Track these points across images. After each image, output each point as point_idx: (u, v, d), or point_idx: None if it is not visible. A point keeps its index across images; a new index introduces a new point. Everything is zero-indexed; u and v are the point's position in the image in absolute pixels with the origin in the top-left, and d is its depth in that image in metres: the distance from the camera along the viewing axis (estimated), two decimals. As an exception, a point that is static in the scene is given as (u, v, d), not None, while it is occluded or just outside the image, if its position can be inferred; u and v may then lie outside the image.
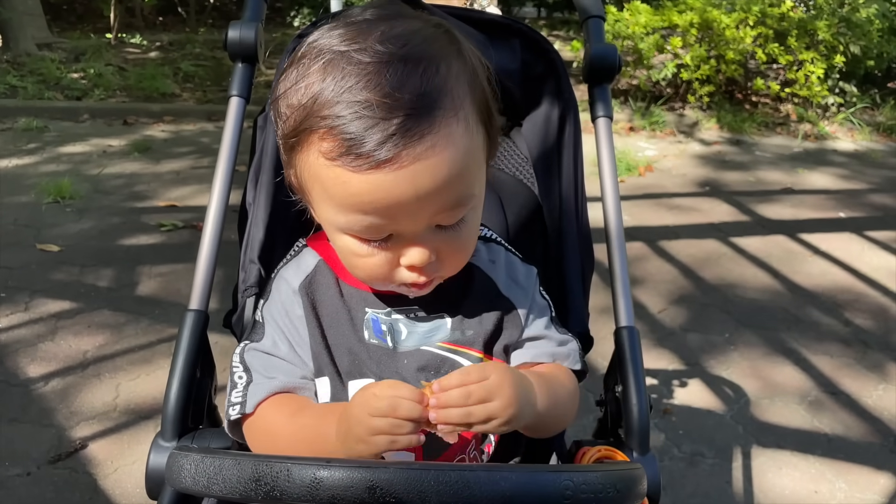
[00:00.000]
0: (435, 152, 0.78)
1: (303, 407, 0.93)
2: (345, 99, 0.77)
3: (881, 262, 3.93)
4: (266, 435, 0.93)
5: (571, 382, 1.03)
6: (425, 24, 0.86)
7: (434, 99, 0.78)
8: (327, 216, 0.86)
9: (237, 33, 1.26)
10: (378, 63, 0.78)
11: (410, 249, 0.85)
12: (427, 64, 0.79)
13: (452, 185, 0.81)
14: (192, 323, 1.11)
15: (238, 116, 1.26)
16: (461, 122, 0.81)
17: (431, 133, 0.78)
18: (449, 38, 0.87)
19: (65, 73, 7.63)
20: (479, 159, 0.87)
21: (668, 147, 6.10)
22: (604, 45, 1.33)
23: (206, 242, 1.18)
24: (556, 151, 1.31)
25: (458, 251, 0.91)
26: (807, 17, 6.52)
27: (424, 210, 0.81)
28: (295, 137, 0.83)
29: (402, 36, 0.81)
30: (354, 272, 0.92)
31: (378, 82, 0.76)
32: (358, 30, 0.82)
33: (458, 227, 0.87)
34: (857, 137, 6.50)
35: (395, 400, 0.77)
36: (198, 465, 0.75)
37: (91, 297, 3.30)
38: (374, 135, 0.76)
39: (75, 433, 2.42)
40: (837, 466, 2.39)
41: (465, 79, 0.84)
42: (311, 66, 0.81)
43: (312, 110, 0.79)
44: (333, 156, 0.78)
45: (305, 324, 0.97)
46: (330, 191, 0.81)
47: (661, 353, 3.00)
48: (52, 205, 4.40)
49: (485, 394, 0.80)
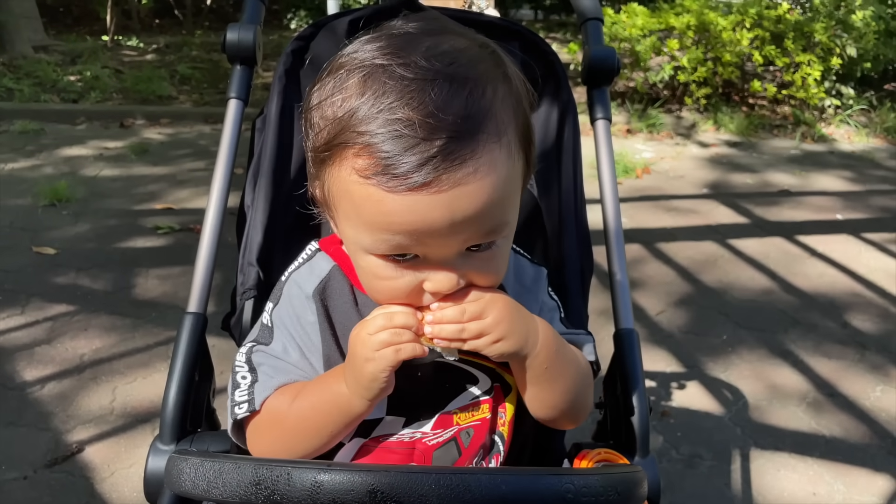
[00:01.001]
0: (476, 178, 0.75)
1: (302, 387, 0.92)
2: (384, 115, 0.74)
3: (879, 264, 3.93)
4: (272, 424, 0.91)
5: (586, 364, 1.00)
6: (472, 42, 0.82)
7: (478, 122, 0.75)
8: (352, 234, 0.83)
9: (236, 35, 1.26)
10: (422, 80, 0.74)
11: (438, 274, 0.82)
12: (474, 85, 0.76)
13: (489, 213, 0.78)
14: (190, 326, 1.11)
15: (236, 118, 1.26)
16: (504, 148, 0.78)
17: (474, 158, 0.74)
18: (496, 59, 0.83)
19: (61, 75, 7.62)
20: (517, 187, 0.84)
21: (665, 149, 6.11)
22: (603, 48, 1.33)
23: (205, 245, 1.18)
24: (555, 153, 1.31)
25: (487, 277, 0.86)
26: (803, 20, 6.53)
27: (457, 236, 0.78)
28: (327, 151, 0.79)
29: (448, 53, 0.77)
30: (373, 294, 0.88)
31: (421, 100, 0.73)
32: (401, 43, 0.79)
33: (489, 253, 0.83)
34: (855, 139, 6.51)
35: (388, 313, 0.83)
36: (197, 468, 0.74)
37: (88, 300, 3.29)
38: (413, 156, 0.72)
39: (72, 437, 2.41)
40: (836, 468, 2.39)
41: (510, 103, 0.81)
42: (350, 78, 0.77)
43: (349, 125, 0.76)
44: (368, 174, 0.74)
45: (318, 331, 0.95)
46: (360, 209, 0.78)
47: (660, 355, 3.00)
48: (48, 208, 4.39)
49: (479, 310, 0.83)
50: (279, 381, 0.92)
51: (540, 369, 0.89)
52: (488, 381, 0.97)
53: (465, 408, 0.96)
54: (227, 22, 1.33)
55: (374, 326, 0.82)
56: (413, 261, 0.81)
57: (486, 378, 0.97)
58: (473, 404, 0.96)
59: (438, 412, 0.95)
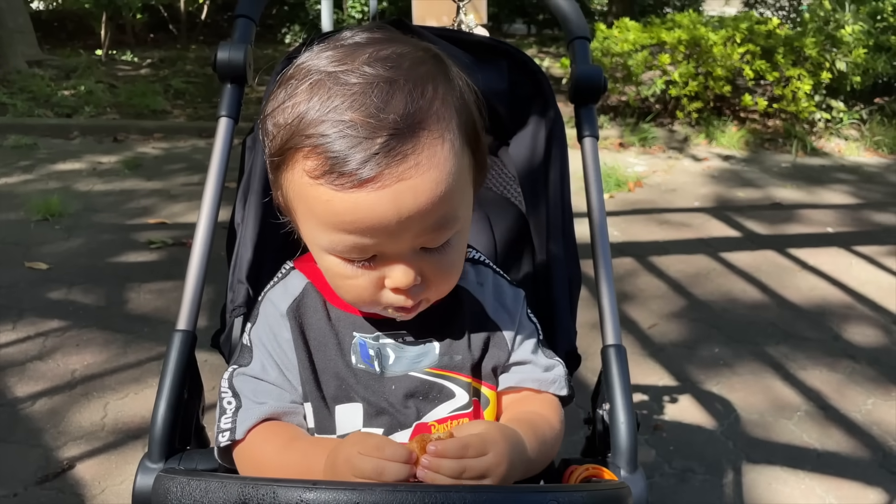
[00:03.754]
0: (418, 172, 0.78)
1: (293, 438, 0.93)
2: (330, 118, 0.78)
3: (869, 277, 3.95)
4: (255, 465, 0.92)
5: (557, 417, 1.01)
6: (414, 48, 0.87)
7: (419, 120, 0.79)
8: (312, 236, 0.87)
9: (226, 55, 1.27)
10: (364, 84, 0.79)
11: (395, 271, 0.85)
12: (413, 86, 0.80)
13: (435, 207, 0.81)
14: (179, 343, 1.11)
15: (227, 136, 1.27)
16: (446, 143, 0.82)
17: (415, 153, 0.78)
18: (436, 61, 0.87)
19: (55, 90, 7.64)
20: (464, 182, 0.87)
21: (657, 163, 6.14)
22: (589, 67, 1.34)
23: (195, 262, 1.18)
24: (542, 170, 1.33)
25: (444, 274, 0.90)
26: (793, 35, 6.60)
27: (407, 231, 0.81)
28: (280, 156, 0.83)
29: (389, 58, 0.82)
30: (340, 293, 0.92)
31: (363, 102, 0.78)
32: (347, 52, 0.83)
33: (444, 250, 0.87)
34: (845, 153, 6.56)
35: (380, 464, 0.76)
36: (184, 487, 0.75)
37: (80, 316, 3.28)
38: (357, 153, 0.77)
39: (63, 453, 2.40)
40: (827, 482, 2.39)
41: (451, 102, 0.84)
42: (299, 86, 0.82)
43: (298, 129, 0.80)
44: (317, 174, 0.79)
45: (294, 347, 0.96)
46: (314, 210, 0.82)
47: (652, 368, 3.01)
48: (41, 222, 4.39)
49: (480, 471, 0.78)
50: (262, 409, 0.93)
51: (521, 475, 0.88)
52: (465, 395, 0.97)
53: (442, 420, 0.96)
54: (221, 37, 1.34)
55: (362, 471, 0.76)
56: (371, 260, 0.85)
57: (464, 392, 0.97)
58: (452, 418, 0.96)
59: (415, 422, 0.95)
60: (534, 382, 1.02)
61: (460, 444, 0.78)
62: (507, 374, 1.02)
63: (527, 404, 1.01)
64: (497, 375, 1.02)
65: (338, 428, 0.94)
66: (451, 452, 0.78)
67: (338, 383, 0.95)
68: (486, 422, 0.93)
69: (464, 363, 0.98)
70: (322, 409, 0.95)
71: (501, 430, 0.85)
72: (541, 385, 1.02)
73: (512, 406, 1.02)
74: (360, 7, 11.59)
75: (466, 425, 0.89)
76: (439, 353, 0.97)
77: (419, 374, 0.96)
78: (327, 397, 0.95)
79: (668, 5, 12.50)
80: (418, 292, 0.89)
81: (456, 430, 0.83)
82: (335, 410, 0.95)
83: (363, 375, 0.95)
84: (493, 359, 1.00)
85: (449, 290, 0.94)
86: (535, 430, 0.94)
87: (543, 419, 0.99)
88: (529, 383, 1.02)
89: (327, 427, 0.94)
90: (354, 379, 0.95)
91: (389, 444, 0.78)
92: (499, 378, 1.02)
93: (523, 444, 0.88)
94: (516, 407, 1.01)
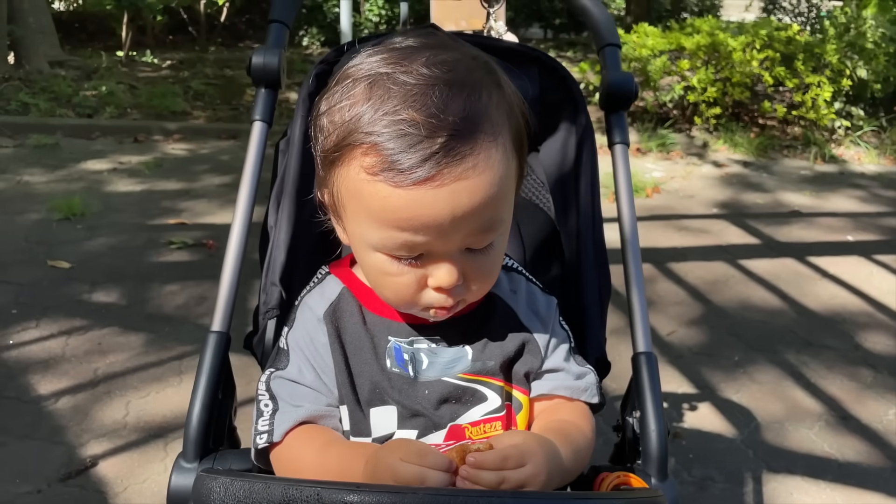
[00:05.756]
0: (475, 173, 0.81)
1: (330, 441, 0.94)
2: (389, 117, 0.80)
3: (890, 286, 3.92)
4: (293, 467, 0.93)
5: (589, 425, 1.02)
6: (465, 55, 0.89)
7: (476, 123, 0.82)
8: (361, 232, 0.88)
9: (261, 60, 1.28)
10: (423, 85, 0.81)
11: (440, 270, 0.87)
12: (471, 90, 0.83)
13: (487, 208, 0.83)
14: (214, 344, 1.12)
15: (261, 140, 1.28)
16: (500, 147, 0.84)
17: (472, 155, 0.81)
18: (488, 69, 0.90)
19: (76, 90, 7.71)
20: (511, 186, 0.90)
21: (675, 168, 6.12)
22: (621, 73, 1.35)
23: (229, 264, 1.19)
24: (573, 177, 1.33)
25: (484, 276, 0.92)
26: (814, 41, 6.56)
27: (458, 230, 0.83)
28: (337, 152, 0.85)
29: (446, 62, 0.84)
30: (381, 292, 0.93)
31: (424, 103, 0.80)
32: (402, 55, 0.85)
33: (486, 252, 0.89)
34: (865, 160, 6.51)
35: (422, 471, 0.77)
36: (227, 487, 0.75)
37: (101, 315, 3.31)
38: (417, 152, 0.79)
39: (86, 451, 2.42)
40: (848, 492, 2.37)
41: (503, 108, 0.87)
42: (356, 85, 0.84)
43: (357, 126, 0.82)
44: (376, 171, 0.80)
45: (330, 351, 0.97)
46: (369, 206, 0.83)
47: (671, 376, 3.00)
48: (63, 222, 4.43)
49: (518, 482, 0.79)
50: (298, 414, 0.94)
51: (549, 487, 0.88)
52: (498, 399, 0.98)
53: (476, 423, 0.96)
54: (239, 39, 1.36)
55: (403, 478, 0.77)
56: (418, 259, 0.86)
57: (497, 396, 0.98)
58: (485, 421, 0.97)
59: (449, 424, 0.96)
60: (566, 390, 1.03)
61: (500, 456, 0.80)
62: (539, 381, 1.03)
63: (559, 412, 1.02)
64: (529, 381, 1.02)
65: (373, 430, 0.95)
66: (490, 464, 0.79)
67: (372, 387, 0.96)
68: (524, 432, 0.94)
69: (496, 368, 0.98)
70: (357, 411, 0.96)
71: (539, 440, 0.86)
72: (573, 393, 1.03)
73: (544, 413, 1.02)
74: (377, 10, 11.63)
75: (504, 435, 0.89)
76: (472, 358, 0.98)
77: (452, 378, 0.97)
78: (362, 400, 0.96)
79: (685, 10, 12.46)
80: (459, 292, 0.90)
81: (494, 441, 0.84)
82: (370, 413, 0.95)
83: (397, 379, 0.96)
84: (525, 364, 1.01)
85: (486, 291, 0.96)
86: (568, 439, 0.94)
87: (576, 428, 0.99)
88: (562, 391, 1.02)
89: (363, 429, 0.95)
90: (388, 383, 0.96)
91: (431, 453, 0.79)
92: (531, 384, 1.02)
93: (559, 454, 0.88)
94: (548, 415, 1.02)
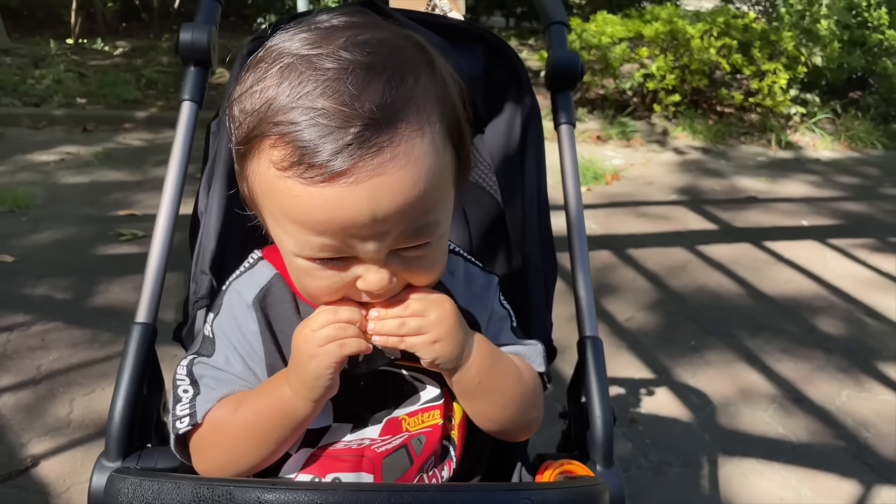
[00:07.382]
0: (395, 167, 0.72)
1: (244, 395, 0.89)
2: (301, 105, 0.72)
3: (844, 269, 3.98)
4: (215, 436, 0.87)
5: (531, 376, 0.98)
6: (394, 34, 0.81)
7: (397, 111, 0.73)
8: (278, 234, 0.81)
9: (189, 36, 1.22)
10: (339, 69, 0.73)
11: (368, 273, 0.79)
12: (392, 74, 0.74)
13: (414, 208, 0.75)
14: (138, 336, 1.07)
15: (190, 121, 1.23)
16: (426, 137, 0.75)
17: (392, 146, 0.72)
18: (418, 49, 0.82)
19: (23, 79, 7.46)
20: (445, 182, 0.81)
21: (635, 156, 6.15)
22: (566, 52, 1.31)
23: (155, 252, 1.13)
24: (518, 158, 1.29)
25: (423, 275, 0.84)
26: (770, 29, 6.63)
27: (383, 234, 0.75)
28: (246, 145, 0.77)
29: (367, 43, 0.76)
30: (307, 294, 0.86)
31: (337, 89, 0.72)
32: (322, 34, 0.77)
33: (423, 249, 0.81)
34: (820, 147, 6.61)
35: (333, 308, 0.82)
36: (136, 488, 0.71)
37: (46, 310, 3.20)
38: (328, 144, 0.71)
39: (27, 451, 2.33)
40: (802, 473, 2.39)
41: (434, 93, 0.79)
42: (269, 69, 0.76)
43: (266, 115, 0.74)
44: (284, 165, 0.73)
45: (260, 339, 0.92)
46: (281, 205, 0.76)
47: (628, 361, 3.00)
48: (6, 214, 4.28)
49: (421, 307, 0.83)
50: (221, 392, 0.88)
51: (472, 383, 0.88)
52: (436, 387, 0.94)
53: (413, 413, 0.93)
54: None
55: (318, 322, 0.81)
56: (342, 260, 0.79)
57: (434, 384, 0.94)
58: (423, 410, 0.93)
59: (386, 417, 0.92)
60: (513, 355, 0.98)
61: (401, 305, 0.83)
62: None
63: None
64: None
65: None
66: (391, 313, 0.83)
67: None
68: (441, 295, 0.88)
69: None
70: None
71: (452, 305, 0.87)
72: (520, 355, 0.99)
73: None
74: (336, -3, 11.48)
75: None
76: None
77: (388, 367, 0.93)
78: None
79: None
80: (394, 291, 0.83)
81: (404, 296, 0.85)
82: None
83: None
84: None
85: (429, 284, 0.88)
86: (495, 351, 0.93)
87: (511, 360, 0.96)
88: None
89: None
90: None
91: (338, 310, 0.82)
92: None
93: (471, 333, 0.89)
94: None
